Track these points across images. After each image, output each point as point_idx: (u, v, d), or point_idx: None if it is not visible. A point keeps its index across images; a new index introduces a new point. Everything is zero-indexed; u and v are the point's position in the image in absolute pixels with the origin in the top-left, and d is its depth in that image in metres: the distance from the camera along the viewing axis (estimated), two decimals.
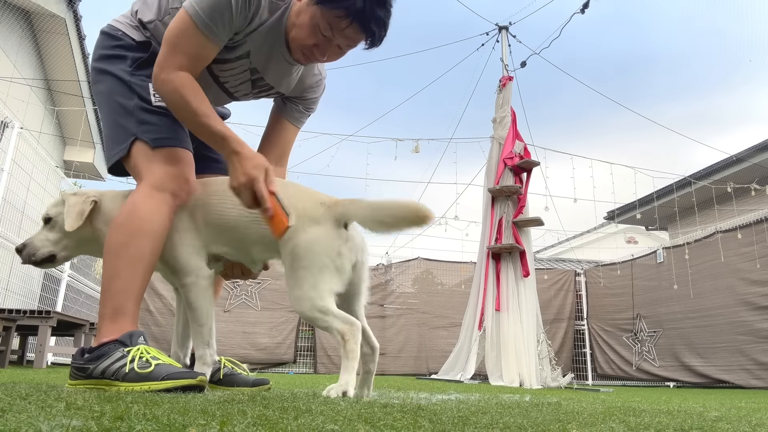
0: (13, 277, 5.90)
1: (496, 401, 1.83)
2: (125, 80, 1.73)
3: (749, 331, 6.58)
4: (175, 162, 1.66)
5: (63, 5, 7.05)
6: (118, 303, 1.54)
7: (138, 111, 1.68)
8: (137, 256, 1.57)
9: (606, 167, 8.27)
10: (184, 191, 1.66)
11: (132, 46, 1.77)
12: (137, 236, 1.57)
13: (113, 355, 1.45)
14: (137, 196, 1.62)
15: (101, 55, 1.80)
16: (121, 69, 1.74)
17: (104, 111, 1.77)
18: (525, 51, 8.94)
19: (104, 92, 1.76)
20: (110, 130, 1.74)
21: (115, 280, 1.56)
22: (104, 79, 1.76)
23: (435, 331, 8.64)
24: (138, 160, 1.66)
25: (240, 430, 0.74)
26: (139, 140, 1.66)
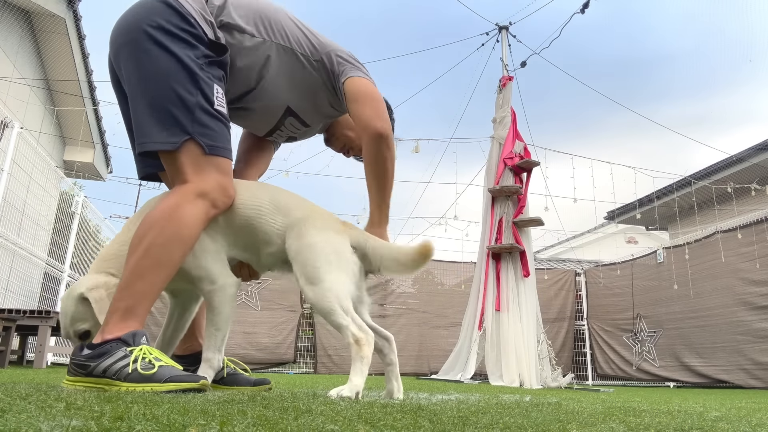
0: (13, 277, 5.90)
1: (496, 401, 1.83)
2: (192, 70, 1.60)
3: (748, 331, 6.58)
4: (224, 173, 1.62)
5: (63, 5, 7.05)
6: (134, 303, 1.48)
7: (198, 110, 1.59)
8: (167, 262, 1.52)
9: (606, 167, 8.28)
10: (225, 204, 1.62)
11: (203, 40, 1.64)
12: (173, 241, 1.52)
13: (115, 354, 1.42)
14: (181, 199, 1.55)
15: (164, 28, 1.60)
16: (189, 56, 1.60)
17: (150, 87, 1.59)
18: (525, 51, 8.95)
19: (160, 71, 1.58)
20: (155, 114, 1.58)
21: (137, 280, 1.49)
22: (162, 55, 1.59)
23: (435, 331, 8.64)
24: (187, 160, 1.58)
25: (240, 430, 0.74)
26: (194, 141, 1.58)
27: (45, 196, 6.95)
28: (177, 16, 1.62)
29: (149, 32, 1.59)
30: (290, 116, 1.94)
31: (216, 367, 1.64)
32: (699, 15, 9.89)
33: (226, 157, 1.64)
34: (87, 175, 10.12)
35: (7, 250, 5.76)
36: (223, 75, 1.69)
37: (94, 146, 9.57)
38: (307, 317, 8.47)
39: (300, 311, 8.43)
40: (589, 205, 8.51)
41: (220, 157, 1.62)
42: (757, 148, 9.12)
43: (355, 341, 1.51)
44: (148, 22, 1.60)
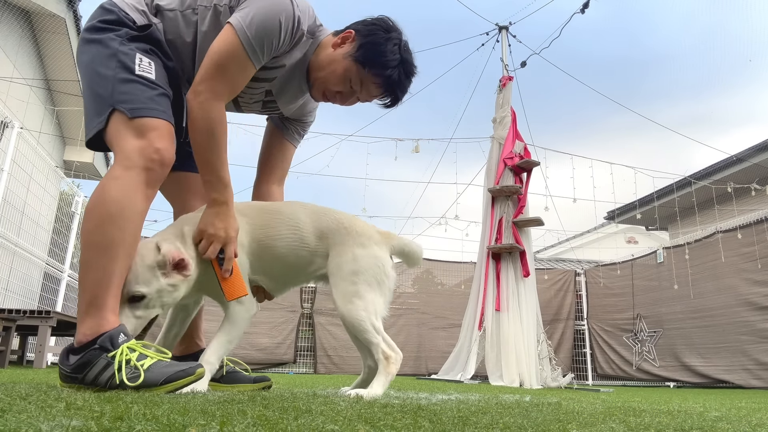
0: (13, 277, 5.90)
1: (496, 401, 1.83)
2: (111, 47, 1.60)
3: (751, 331, 6.58)
4: (143, 133, 1.53)
5: (63, 5, 7.05)
6: (92, 295, 1.43)
7: (117, 82, 1.56)
8: (106, 243, 1.46)
9: (606, 167, 8.28)
10: (156, 162, 1.52)
11: (125, 23, 1.66)
12: (105, 222, 1.46)
13: (98, 363, 1.38)
14: (106, 178, 1.52)
15: (91, 26, 1.67)
16: (109, 37, 1.62)
17: (85, 81, 1.64)
18: (525, 51, 8.94)
19: (86, 62, 1.64)
20: (89, 101, 1.61)
21: (86, 271, 1.45)
22: (88, 48, 1.64)
23: (434, 332, 8.64)
24: (113, 133, 1.54)
25: (240, 430, 0.74)
26: (117, 111, 1.54)
27: (45, 196, 6.95)
28: (104, 12, 1.67)
29: (83, 36, 1.68)
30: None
31: (213, 371, 1.64)
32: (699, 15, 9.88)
33: (154, 117, 1.56)
34: (87, 175, 10.12)
35: (7, 250, 5.76)
36: (150, 48, 1.66)
37: None
38: (307, 317, 8.47)
39: (300, 311, 8.43)
40: (589, 205, 8.52)
41: (146, 117, 1.55)
42: (757, 148, 9.12)
43: (385, 358, 1.65)
44: (84, 29, 1.70)
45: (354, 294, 1.65)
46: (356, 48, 1.70)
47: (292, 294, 8.42)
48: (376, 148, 11.97)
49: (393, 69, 1.72)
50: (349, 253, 1.70)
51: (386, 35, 1.72)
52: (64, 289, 6.89)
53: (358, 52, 1.70)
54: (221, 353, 1.65)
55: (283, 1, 1.61)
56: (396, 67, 1.72)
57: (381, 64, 1.71)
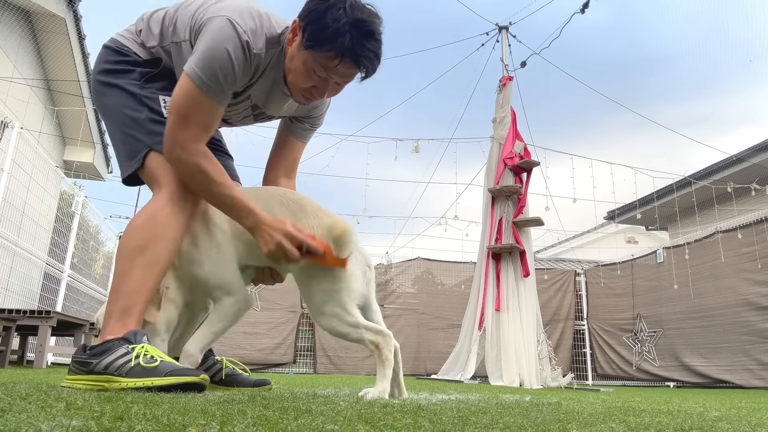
0: (13, 277, 5.90)
1: (496, 401, 1.83)
2: (134, 93, 1.72)
3: (752, 331, 6.58)
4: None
5: (63, 5, 7.05)
6: (128, 304, 1.54)
7: (149, 123, 1.69)
8: (153, 260, 1.58)
9: (606, 167, 8.28)
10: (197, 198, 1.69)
11: (139, 62, 1.77)
12: (155, 241, 1.59)
13: (117, 351, 1.45)
14: (158, 204, 1.63)
15: (105, 69, 1.78)
16: (129, 82, 1.74)
17: (113, 124, 1.77)
18: (525, 51, 8.93)
19: (111, 106, 1.75)
20: (121, 143, 1.74)
21: (127, 281, 1.56)
22: (110, 92, 1.75)
23: (433, 333, 8.64)
24: (155, 170, 1.67)
25: (240, 430, 0.74)
26: (154, 151, 1.67)
27: (45, 196, 6.95)
28: (113, 52, 1.78)
29: (100, 79, 1.78)
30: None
31: (195, 364, 1.65)
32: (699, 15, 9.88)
33: None
34: (87, 175, 10.12)
35: (7, 250, 5.76)
36: (167, 84, 1.76)
37: (94, 146, 9.57)
38: (307, 317, 8.47)
39: (300, 311, 8.43)
40: (589, 205, 8.52)
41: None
42: (757, 148, 9.12)
43: (375, 347, 1.54)
44: (97, 71, 1.80)
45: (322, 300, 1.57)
46: (303, 35, 1.57)
47: (292, 294, 8.42)
48: (376, 148, 11.96)
49: (343, 36, 1.52)
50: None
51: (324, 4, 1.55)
52: (64, 289, 6.89)
53: (307, 38, 1.56)
54: (202, 344, 1.66)
55: (226, 32, 1.55)
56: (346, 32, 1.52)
57: (329, 38, 1.53)
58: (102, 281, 8.53)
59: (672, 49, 22.57)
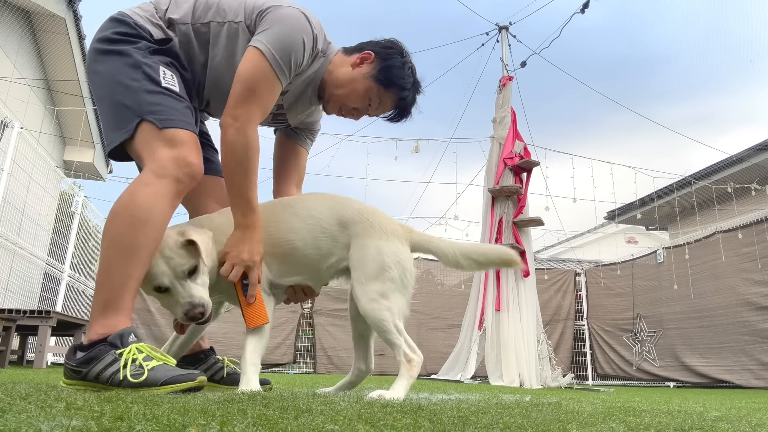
0: (13, 277, 5.90)
1: (496, 401, 1.83)
2: (135, 59, 1.63)
3: (752, 331, 6.58)
4: (176, 144, 1.58)
5: (63, 5, 7.05)
6: (110, 296, 1.46)
7: (144, 93, 1.60)
8: (132, 246, 1.48)
9: (606, 167, 8.28)
10: (187, 175, 1.57)
11: (144, 37, 1.68)
12: (133, 225, 1.49)
13: (104, 359, 1.39)
14: (136, 184, 1.55)
15: (107, 38, 1.67)
16: (131, 49, 1.64)
17: (104, 92, 1.66)
18: (525, 51, 8.94)
19: (105, 73, 1.65)
20: (111, 112, 1.63)
21: (107, 272, 1.47)
22: (107, 59, 1.65)
23: (433, 333, 8.64)
24: (142, 143, 1.57)
25: (240, 430, 0.74)
26: (146, 121, 1.57)
27: (45, 196, 6.95)
28: (119, 24, 1.69)
29: (97, 47, 1.68)
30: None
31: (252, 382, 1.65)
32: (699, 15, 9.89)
33: (183, 128, 1.60)
34: (87, 175, 10.12)
35: (7, 250, 5.76)
36: (171, 61, 1.71)
37: (94, 146, 9.57)
38: (307, 317, 8.47)
39: (300, 311, 8.44)
40: (589, 205, 8.52)
41: (175, 128, 1.59)
42: (757, 148, 9.12)
43: (407, 360, 1.61)
44: (97, 38, 1.70)
45: (378, 292, 1.60)
46: (377, 69, 1.82)
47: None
48: (376, 148, 11.97)
49: (408, 91, 1.88)
50: (372, 247, 1.64)
51: (402, 59, 1.86)
52: (64, 289, 6.89)
53: (380, 74, 1.82)
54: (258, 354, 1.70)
55: (301, 22, 1.68)
56: (410, 89, 1.89)
57: (400, 86, 1.85)
58: None
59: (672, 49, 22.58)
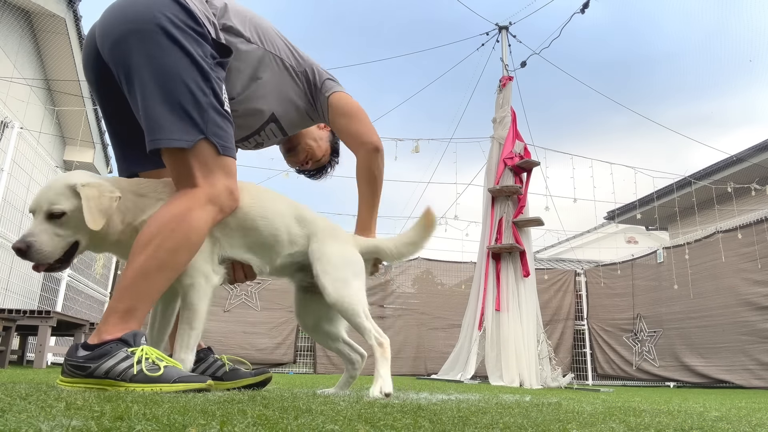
0: (13, 277, 5.90)
1: (496, 401, 1.83)
2: (204, 69, 1.57)
3: (751, 331, 6.58)
4: (232, 176, 1.60)
5: (63, 5, 7.05)
6: (134, 304, 1.45)
7: (211, 109, 1.56)
8: (175, 266, 1.49)
9: (606, 167, 8.28)
10: (230, 208, 1.61)
11: (208, 39, 1.62)
12: (182, 245, 1.49)
13: (117, 355, 1.38)
14: (193, 203, 1.52)
15: (175, 23, 1.55)
16: (199, 54, 1.58)
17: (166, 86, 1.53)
18: (525, 51, 8.95)
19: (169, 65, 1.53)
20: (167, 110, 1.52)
21: (140, 281, 1.45)
22: (174, 51, 1.54)
23: (433, 332, 8.64)
24: (199, 161, 1.54)
25: (240, 430, 0.74)
26: (208, 141, 1.55)
27: None
28: (184, 12, 1.59)
29: (161, 24, 1.54)
30: (272, 123, 1.99)
31: (189, 369, 1.57)
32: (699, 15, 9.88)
33: (234, 157, 1.64)
34: None
35: (7, 250, 5.76)
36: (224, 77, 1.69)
37: (94, 146, 9.57)
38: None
39: None
40: (589, 205, 8.51)
41: (230, 157, 1.61)
42: (757, 148, 9.12)
43: (378, 344, 1.67)
44: (158, 14, 1.55)
45: (345, 280, 1.69)
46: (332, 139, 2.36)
47: (291, 294, 8.40)
48: None
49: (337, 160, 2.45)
50: (331, 242, 1.75)
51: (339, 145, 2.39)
52: (64, 289, 6.89)
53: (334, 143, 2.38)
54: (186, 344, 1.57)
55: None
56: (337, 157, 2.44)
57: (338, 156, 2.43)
58: (102, 281, 8.53)
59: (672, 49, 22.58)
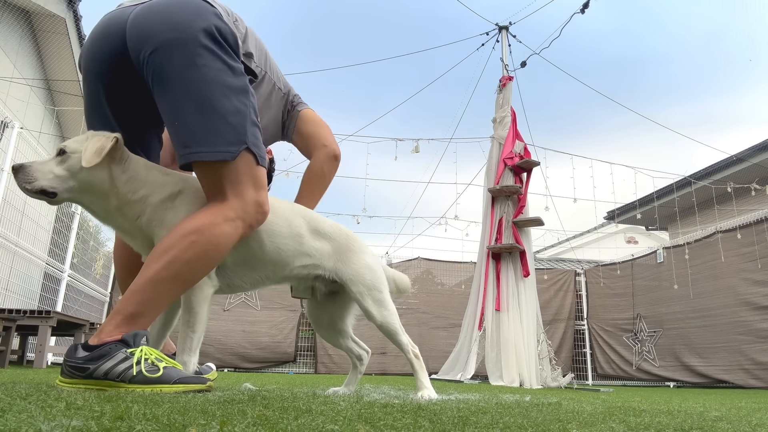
0: (13, 277, 5.90)
1: (496, 401, 1.83)
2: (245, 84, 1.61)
3: (749, 331, 6.58)
4: (261, 187, 1.60)
5: (63, 5, 7.05)
6: (141, 310, 1.44)
7: (250, 122, 1.58)
8: (190, 279, 1.49)
9: (606, 167, 8.28)
10: (259, 222, 1.60)
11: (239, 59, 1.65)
12: (200, 260, 1.47)
13: (116, 356, 1.37)
14: (220, 218, 1.50)
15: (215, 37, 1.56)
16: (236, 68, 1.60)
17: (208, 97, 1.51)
18: (525, 51, 8.95)
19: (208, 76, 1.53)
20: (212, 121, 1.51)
21: (151, 289, 1.44)
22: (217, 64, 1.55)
23: (434, 332, 8.64)
24: (235, 173, 1.53)
25: (240, 430, 0.74)
26: (249, 152, 1.55)
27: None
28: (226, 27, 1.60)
29: (208, 35, 1.55)
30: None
31: (192, 371, 1.56)
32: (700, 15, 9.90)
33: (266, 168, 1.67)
34: None
35: (7, 250, 5.76)
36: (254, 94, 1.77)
37: None
38: (307, 317, 8.47)
39: (300, 311, 8.43)
40: (589, 205, 8.52)
41: (263, 168, 1.64)
42: (757, 148, 9.12)
43: (415, 357, 1.83)
44: (205, 24, 1.55)
45: (383, 301, 1.80)
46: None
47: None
48: (376, 148, 11.96)
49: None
50: (361, 261, 1.81)
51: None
52: (64, 289, 6.89)
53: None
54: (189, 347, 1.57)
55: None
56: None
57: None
58: (102, 281, 8.53)
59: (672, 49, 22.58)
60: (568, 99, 26.11)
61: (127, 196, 1.55)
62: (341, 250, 1.79)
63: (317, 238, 1.77)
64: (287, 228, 1.71)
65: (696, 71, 14.79)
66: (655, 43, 23.02)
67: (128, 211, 1.56)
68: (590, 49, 24.85)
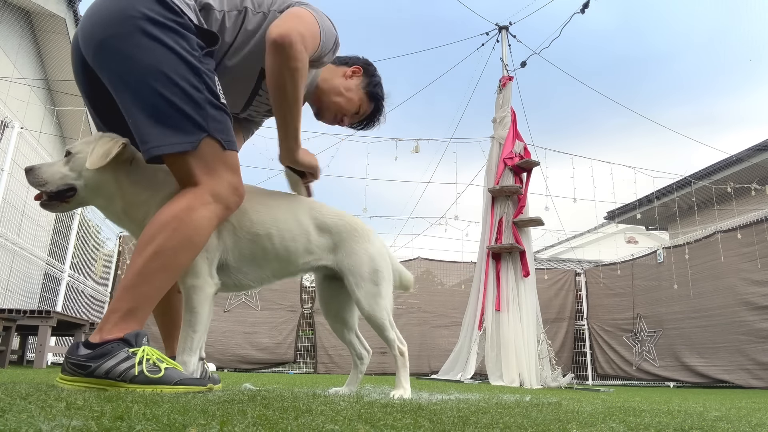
0: (13, 277, 5.90)
1: (496, 401, 1.83)
2: (193, 64, 1.50)
3: (749, 331, 6.58)
4: (235, 170, 1.56)
5: (63, 5, 7.05)
6: (136, 305, 1.43)
7: (208, 105, 1.50)
8: (177, 266, 1.47)
9: (606, 167, 8.28)
10: (236, 204, 1.58)
11: (191, 28, 1.54)
12: (184, 245, 1.46)
13: (118, 355, 1.37)
14: (195, 201, 1.48)
15: (151, 18, 1.47)
16: (185, 48, 1.50)
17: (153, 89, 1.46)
18: (525, 51, 8.96)
19: (158, 67, 1.46)
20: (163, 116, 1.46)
21: (143, 282, 1.44)
22: (155, 48, 1.47)
23: (436, 330, 8.64)
24: (202, 160, 1.49)
25: (240, 430, 0.74)
26: (212, 138, 1.50)
27: None
28: (160, 4, 1.51)
29: (138, 24, 1.47)
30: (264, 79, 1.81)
31: (192, 371, 1.53)
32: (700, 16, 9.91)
33: (236, 151, 1.59)
34: None
35: (7, 250, 5.76)
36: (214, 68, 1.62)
37: None
38: (307, 317, 8.47)
39: (300, 311, 8.44)
40: (589, 205, 8.52)
41: (233, 151, 1.57)
42: (757, 148, 9.12)
43: (400, 354, 1.80)
44: (133, 12, 1.47)
45: (377, 294, 1.76)
46: (366, 83, 2.03)
47: (292, 294, 8.42)
48: (376, 148, 11.97)
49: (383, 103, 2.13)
50: (362, 250, 1.78)
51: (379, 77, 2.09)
52: (64, 289, 6.89)
53: (369, 87, 2.03)
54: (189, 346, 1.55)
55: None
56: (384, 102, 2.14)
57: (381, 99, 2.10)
58: (102, 281, 8.53)
59: (672, 49, 22.59)
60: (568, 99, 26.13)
61: (132, 198, 1.57)
62: (343, 240, 1.78)
63: (322, 234, 1.77)
64: (297, 227, 1.72)
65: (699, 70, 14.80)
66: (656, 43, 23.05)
67: (133, 213, 1.58)
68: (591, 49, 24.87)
